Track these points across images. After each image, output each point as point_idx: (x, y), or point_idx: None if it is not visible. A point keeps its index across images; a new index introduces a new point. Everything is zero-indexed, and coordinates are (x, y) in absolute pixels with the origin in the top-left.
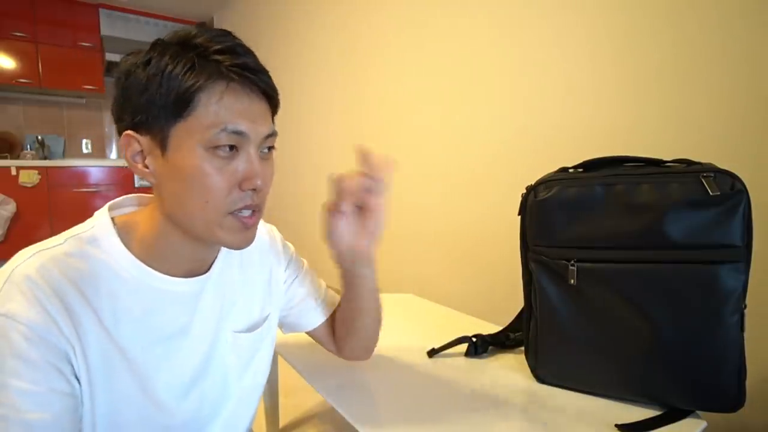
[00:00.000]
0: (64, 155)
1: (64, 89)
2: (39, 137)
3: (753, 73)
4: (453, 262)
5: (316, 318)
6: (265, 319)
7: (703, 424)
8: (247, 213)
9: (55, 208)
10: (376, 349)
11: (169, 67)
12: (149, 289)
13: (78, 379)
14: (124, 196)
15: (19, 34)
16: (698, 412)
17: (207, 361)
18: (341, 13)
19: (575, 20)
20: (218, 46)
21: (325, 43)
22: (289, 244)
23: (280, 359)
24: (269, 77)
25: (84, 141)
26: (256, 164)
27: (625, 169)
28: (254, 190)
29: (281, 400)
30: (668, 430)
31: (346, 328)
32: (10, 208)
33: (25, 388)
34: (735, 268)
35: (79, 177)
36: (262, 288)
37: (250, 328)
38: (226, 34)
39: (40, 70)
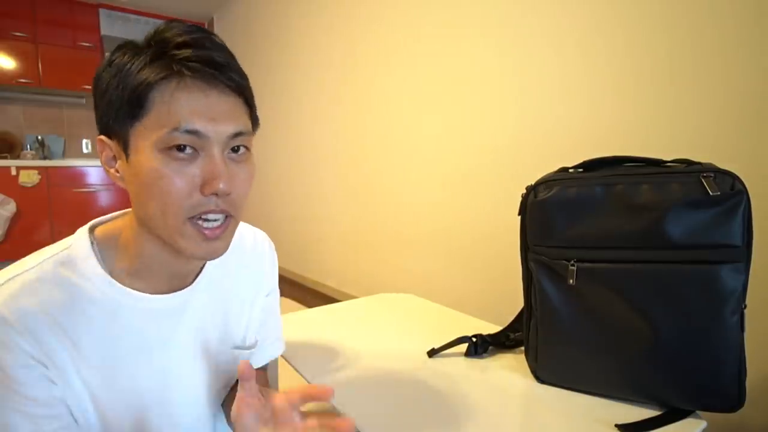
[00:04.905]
0: (64, 155)
1: (64, 89)
2: (39, 137)
3: (753, 72)
4: (453, 262)
5: (259, 360)
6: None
7: (703, 424)
8: (212, 223)
9: (55, 208)
10: (376, 349)
11: (126, 66)
12: (127, 309)
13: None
14: (106, 216)
15: (19, 34)
16: (698, 412)
17: (203, 380)
18: (341, 13)
19: (574, 21)
20: (180, 39)
21: (325, 43)
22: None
23: (280, 360)
24: (237, 72)
25: (84, 141)
26: (220, 166)
27: (625, 169)
28: (217, 194)
29: None
30: (668, 430)
31: None
32: (10, 208)
33: (28, 411)
34: (735, 268)
35: (79, 177)
36: (255, 299)
37: (252, 344)
38: (198, 29)
39: (40, 70)
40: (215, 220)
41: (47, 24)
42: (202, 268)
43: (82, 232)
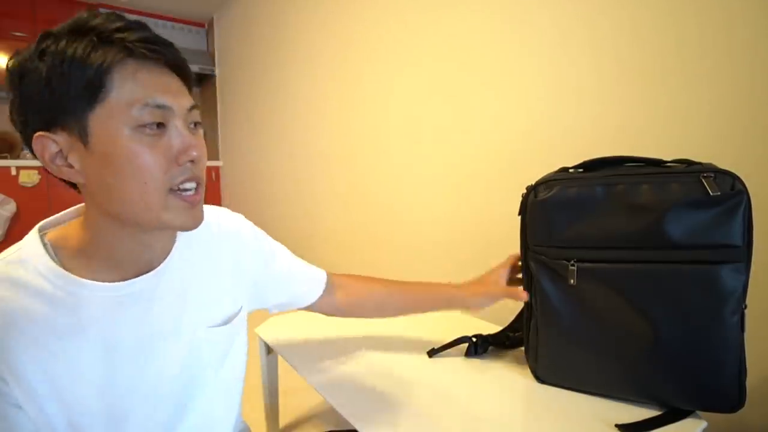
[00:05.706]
0: None
1: None
2: None
3: (754, 72)
4: (453, 262)
5: (311, 296)
6: (239, 311)
7: (703, 424)
8: (189, 190)
9: (55, 208)
10: (376, 348)
11: (69, 52)
12: (87, 300)
13: (21, 406)
14: (56, 215)
15: (19, 34)
16: (698, 412)
17: (179, 360)
18: (340, 12)
19: (576, 20)
20: (117, 24)
21: (324, 42)
22: (259, 232)
23: (280, 359)
24: (176, 50)
25: None
26: (188, 136)
27: (626, 169)
28: (192, 161)
29: (281, 400)
30: (668, 430)
31: (392, 312)
32: (10, 208)
33: None
34: (735, 268)
35: None
36: (231, 278)
37: (225, 321)
38: (120, 15)
39: None
40: (191, 189)
41: (47, 24)
42: (169, 252)
43: (33, 234)
